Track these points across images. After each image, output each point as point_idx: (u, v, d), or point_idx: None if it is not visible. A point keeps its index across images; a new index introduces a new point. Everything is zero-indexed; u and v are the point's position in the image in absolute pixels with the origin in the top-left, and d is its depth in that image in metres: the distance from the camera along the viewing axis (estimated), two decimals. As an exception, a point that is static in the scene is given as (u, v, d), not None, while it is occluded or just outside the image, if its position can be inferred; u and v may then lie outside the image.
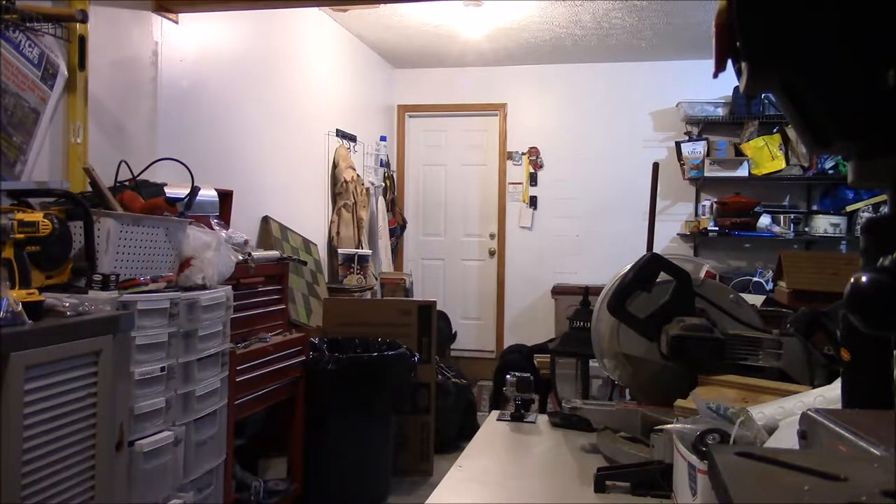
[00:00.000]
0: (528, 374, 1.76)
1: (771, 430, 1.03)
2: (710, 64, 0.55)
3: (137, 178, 2.55)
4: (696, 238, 5.91)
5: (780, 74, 0.47)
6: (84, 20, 2.45)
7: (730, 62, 0.51)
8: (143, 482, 1.99)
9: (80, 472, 1.72)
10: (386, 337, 3.74)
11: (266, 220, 4.11)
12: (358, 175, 5.29)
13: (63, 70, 2.50)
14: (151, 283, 2.16)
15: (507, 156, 6.52)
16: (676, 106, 5.97)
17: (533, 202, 6.46)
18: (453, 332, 6.09)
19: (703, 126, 5.96)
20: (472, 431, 2.14)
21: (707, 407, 1.07)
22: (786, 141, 5.58)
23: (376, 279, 5.47)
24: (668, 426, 1.08)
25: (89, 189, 2.31)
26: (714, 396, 1.21)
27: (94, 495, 1.76)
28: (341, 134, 5.19)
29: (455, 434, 4.34)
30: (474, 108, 6.54)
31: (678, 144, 5.94)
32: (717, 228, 5.70)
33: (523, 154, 6.48)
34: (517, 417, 1.64)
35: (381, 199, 5.95)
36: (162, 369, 2.11)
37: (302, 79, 4.64)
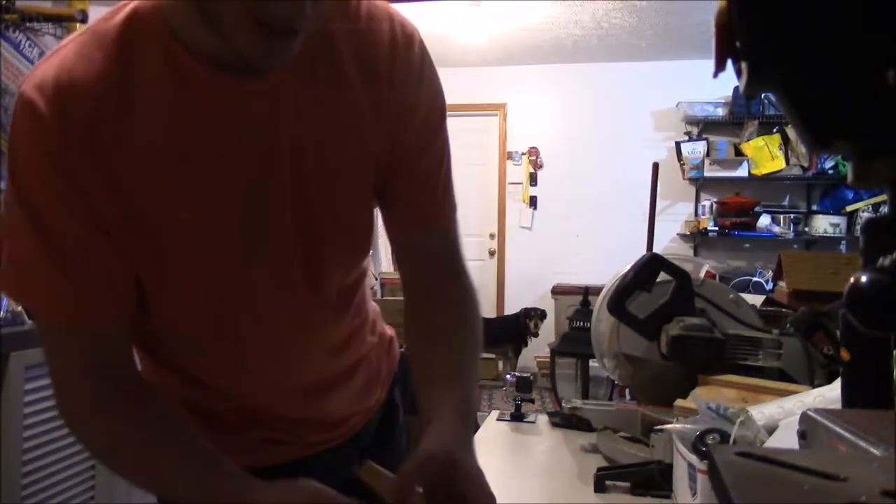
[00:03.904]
0: (529, 375, 1.76)
1: (771, 430, 1.03)
2: (710, 64, 0.55)
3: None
4: (696, 238, 5.91)
5: (780, 74, 0.46)
6: (84, 20, 2.45)
7: (730, 62, 0.51)
8: (143, 482, 1.99)
9: (79, 472, 1.72)
10: (386, 337, 3.73)
11: (266, 220, 4.11)
12: (358, 175, 5.28)
13: (63, 70, 2.50)
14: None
15: (506, 156, 6.52)
16: (676, 106, 5.97)
17: (533, 202, 6.46)
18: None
19: (702, 126, 5.96)
20: (472, 431, 2.13)
21: (707, 407, 1.07)
22: (786, 141, 5.59)
23: (376, 279, 5.46)
24: (668, 426, 1.08)
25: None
26: (714, 396, 1.21)
27: (94, 495, 1.76)
28: (341, 134, 5.19)
29: (455, 434, 4.34)
30: (474, 108, 6.54)
31: (678, 144, 5.94)
32: (717, 228, 5.71)
33: (523, 154, 6.48)
34: (517, 417, 1.63)
35: (381, 199, 5.95)
36: (162, 369, 2.10)
37: (302, 79, 4.63)
